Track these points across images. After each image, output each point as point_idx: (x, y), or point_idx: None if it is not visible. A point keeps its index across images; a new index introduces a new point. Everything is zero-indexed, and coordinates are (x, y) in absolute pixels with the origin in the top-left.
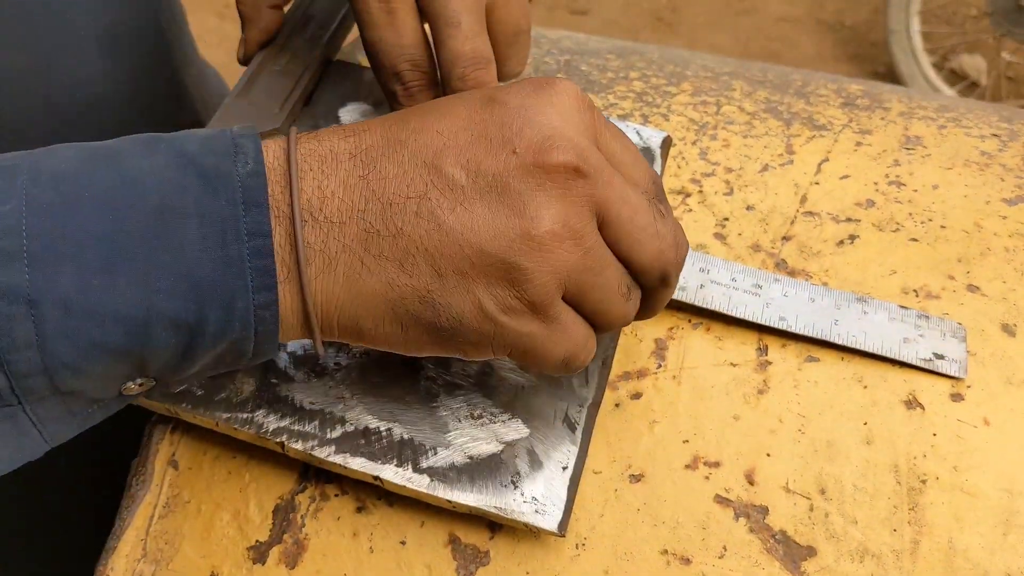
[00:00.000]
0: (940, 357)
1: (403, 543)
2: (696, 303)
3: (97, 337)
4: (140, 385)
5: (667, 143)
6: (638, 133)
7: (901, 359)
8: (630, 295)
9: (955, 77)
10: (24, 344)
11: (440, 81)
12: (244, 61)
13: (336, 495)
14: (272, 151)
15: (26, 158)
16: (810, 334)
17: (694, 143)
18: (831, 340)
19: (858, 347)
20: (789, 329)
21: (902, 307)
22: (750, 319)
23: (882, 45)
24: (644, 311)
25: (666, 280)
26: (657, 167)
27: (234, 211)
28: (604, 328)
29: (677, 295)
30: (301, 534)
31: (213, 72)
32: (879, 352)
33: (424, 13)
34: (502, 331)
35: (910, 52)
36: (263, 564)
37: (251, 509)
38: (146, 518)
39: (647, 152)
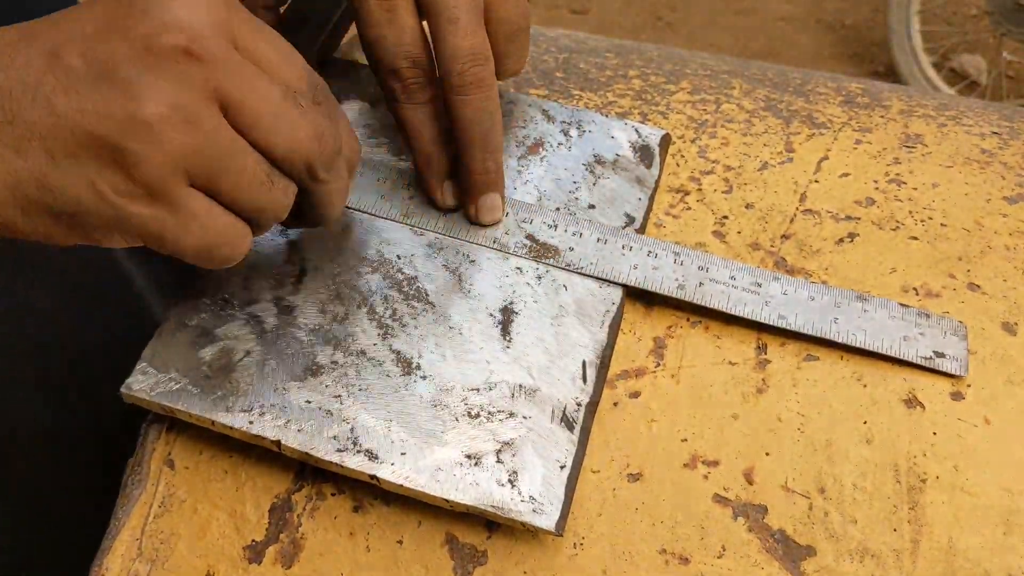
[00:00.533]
0: (940, 355)
1: (400, 543)
2: (695, 301)
3: None
4: None
5: (666, 141)
6: (637, 131)
7: (901, 357)
8: (273, 183)
9: (955, 76)
10: None
11: (439, 77)
12: None
13: (333, 494)
14: None
15: None
16: (810, 332)
17: (693, 141)
18: (831, 338)
19: (858, 345)
20: (789, 327)
21: (902, 305)
22: (749, 317)
23: (882, 44)
24: (311, 214)
25: (312, 173)
26: (656, 165)
27: None
28: (257, 219)
29: (676, 293)
30: (297, 533)
31: None
32: (879, 350)
33: (423, 10)
34: (121, 214)
35: (910, 51)
36: (259, 563)
37: (247, 508)
38: (142, 517)
39: (646, 151)
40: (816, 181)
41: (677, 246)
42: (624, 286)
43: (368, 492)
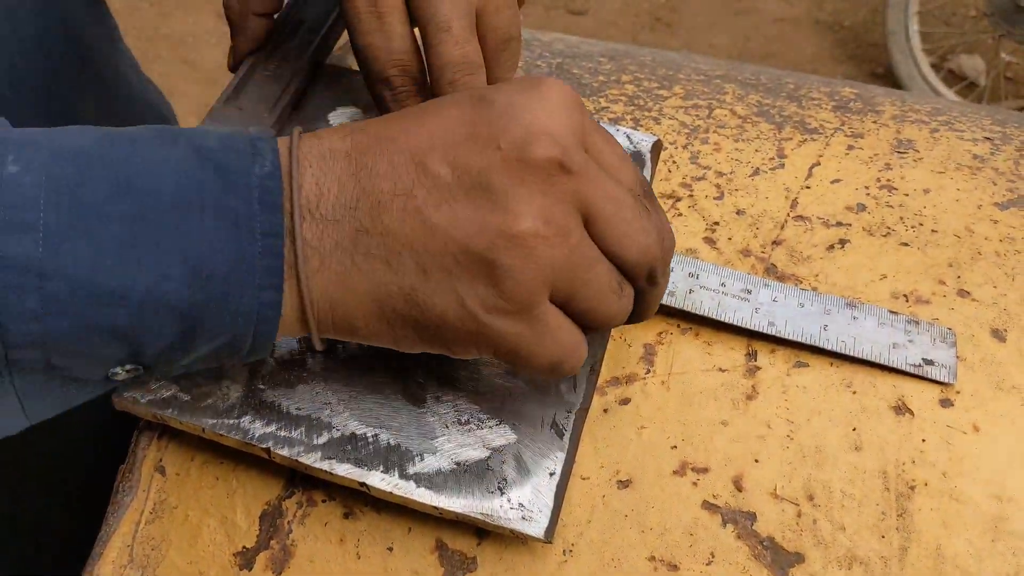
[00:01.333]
0: (929, 363)
1: (390, 549)
2: (685, 308)
3: (100, 317)
4: (128, 371)
5: (657, 147)
6: (628, 137)
7: (890, 364)
8: (622, 291)
9: (954, 78)
10: (29, 316)
11: (430, 86)
12: (233, 68)
13: (323, 501)
14: (280, 149)
15: (45, 133)
16: (799, 339)
17: (685, 147)
18: (820, 345)
19: (847, 352)
20: (778, 335)
21: (892, 312)
22: (739, 324)
23: (881, 46)
24: (636, 314)
25: (653, 277)
26: (647, 172)
27: (250, 209)
28: (597, 327)
29: (666, 300)
30: (288, 540)
31: (155, 90)
32: (868, 357)
33: (414, 18)
34: (485, 330)
35: (909, 53)
36: (250, 570)
37: (238, 515)
38: (133, 524)
39: (637, 156)
40: (807, 187)
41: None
42: None
43: (359, 499)
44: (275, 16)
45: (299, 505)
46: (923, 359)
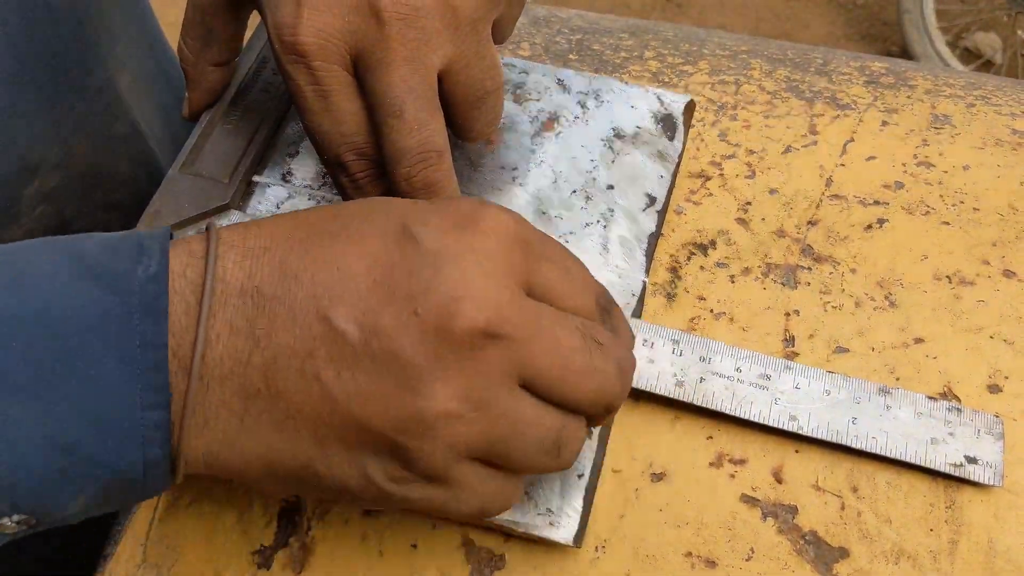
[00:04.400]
0: (972, 461)
1: (414, 546)
2: (695, 402)
3: None
4: (17, 523)
5: (690, 109)
6: (659, 99)
7: (927, 466)
8: (560, 451)
9: (969, 55)
10: None
11: (388, 175)
12: (191, 119)
13: None
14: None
15: None
16: (824, 437)
17: (713, 124)
18: (847, 444)
19: (878, 452)
20: (800, 432)
21: (930, 398)
22: (757, 420)
23: (894, 24)
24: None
25: (610, 409)
26: (679, 136)
27: (129, 318)
28: (536, 472)
29: (675, 393)
30: (308, 537)
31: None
32: (901, 458)
33: (364, 95)
34: (392, 497)
35: (924, 31)
36: (268, 569)
37: (255, 512)
38: (146, 522)
39: (668, 119)
40: (842, 165)
41: (676, 333)
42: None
43: None
44: (234, 61)
45: (319, 501)
46: (965, 457)
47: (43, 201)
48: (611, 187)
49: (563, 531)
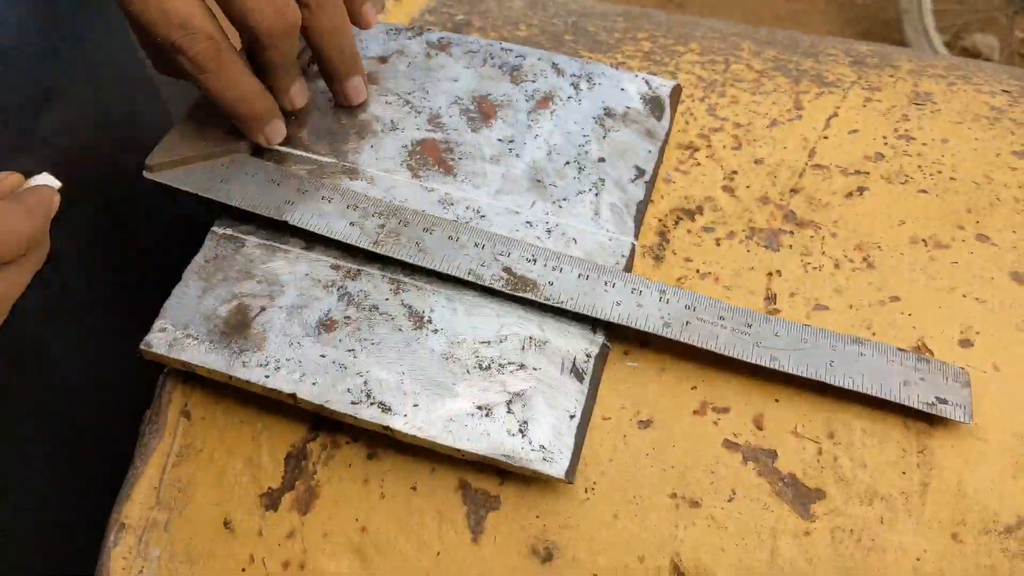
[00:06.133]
0: (943, 401)
1: (414, 489)
2: (682, 340)
3: None
4: None
5: (676, 92)
6: (647, 83)
7: (902, 402)
8: None
9: (968, 55)
10: None
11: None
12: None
13: (347, 443)
14: None
15: None
16: (804, 375)
17: (702, 100)
18: (827, 381)
19: (856, 389)
20: (782, 369)
21: (900, 349)
22: (740, 359)
23: (894, 24)
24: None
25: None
26: (666, 118)
27: None
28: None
29: (662, 331)
30: (313, 481)
31: None
32: (879, 395)
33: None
34: None
35: (922, 31)
36: (275, 511)
37: (263, 457)
38: (159, 467)
39: (656, 102)
40: (825, 137)
41: (662, 285)
42: (606, 322)
43: (382, 440)
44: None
45: (323, 447)
46: (936, 397)
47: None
48: (602, 160)
49: (556, 466)
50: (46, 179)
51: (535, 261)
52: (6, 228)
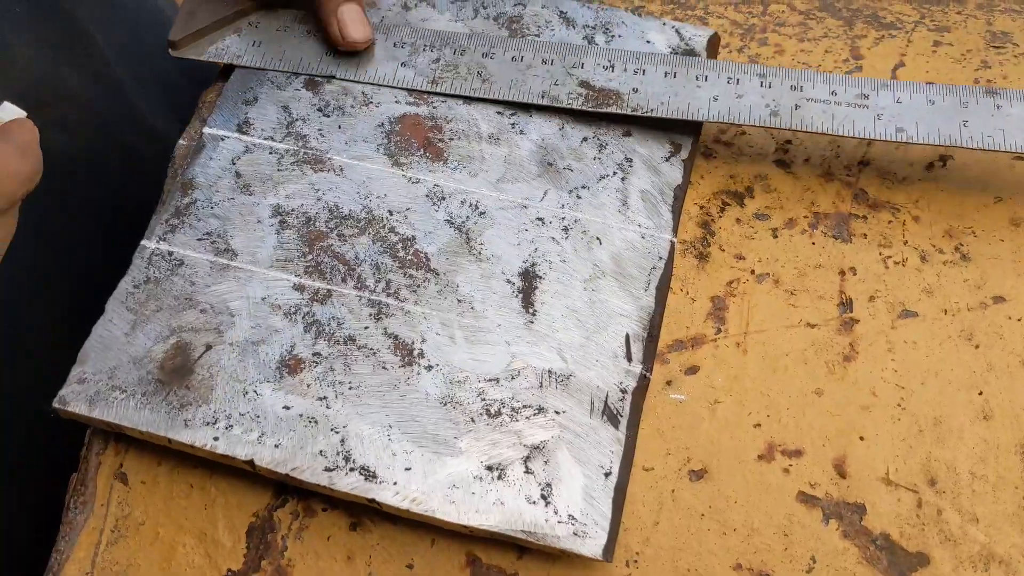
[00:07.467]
0: None
1: (410, 567)
2: (793, 128)
3: None
4: None
5: (714, 42)
6: (678, 32)
7: None
8: None
9: None
10: None
11: None
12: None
13: (324, 509)
14: None
15: None
16: (936, 142)
17: (740, 50)
18: (962, 145)
19: (997, 148)
20: (910, 141)
21: None
22: (860, 136)
23: None
24: None
25: None
26: None
27: None
28: None
29: (769, 121)
30: (283, 559)
31: None
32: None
33: None
34: None
35: None
36: None
37: (220, 531)
38: (91, 547)
39: (691, 54)
40: None
41: (761, 66)
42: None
43: (367, 508)
44: None
45: (294, 516)
46: None
47: None
48: (628, 134)
49: (591, 542)
50: (15, 110)
51: (612, 68)
52: (11, 171)
